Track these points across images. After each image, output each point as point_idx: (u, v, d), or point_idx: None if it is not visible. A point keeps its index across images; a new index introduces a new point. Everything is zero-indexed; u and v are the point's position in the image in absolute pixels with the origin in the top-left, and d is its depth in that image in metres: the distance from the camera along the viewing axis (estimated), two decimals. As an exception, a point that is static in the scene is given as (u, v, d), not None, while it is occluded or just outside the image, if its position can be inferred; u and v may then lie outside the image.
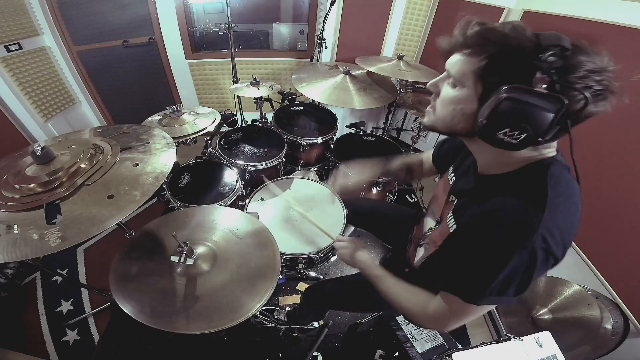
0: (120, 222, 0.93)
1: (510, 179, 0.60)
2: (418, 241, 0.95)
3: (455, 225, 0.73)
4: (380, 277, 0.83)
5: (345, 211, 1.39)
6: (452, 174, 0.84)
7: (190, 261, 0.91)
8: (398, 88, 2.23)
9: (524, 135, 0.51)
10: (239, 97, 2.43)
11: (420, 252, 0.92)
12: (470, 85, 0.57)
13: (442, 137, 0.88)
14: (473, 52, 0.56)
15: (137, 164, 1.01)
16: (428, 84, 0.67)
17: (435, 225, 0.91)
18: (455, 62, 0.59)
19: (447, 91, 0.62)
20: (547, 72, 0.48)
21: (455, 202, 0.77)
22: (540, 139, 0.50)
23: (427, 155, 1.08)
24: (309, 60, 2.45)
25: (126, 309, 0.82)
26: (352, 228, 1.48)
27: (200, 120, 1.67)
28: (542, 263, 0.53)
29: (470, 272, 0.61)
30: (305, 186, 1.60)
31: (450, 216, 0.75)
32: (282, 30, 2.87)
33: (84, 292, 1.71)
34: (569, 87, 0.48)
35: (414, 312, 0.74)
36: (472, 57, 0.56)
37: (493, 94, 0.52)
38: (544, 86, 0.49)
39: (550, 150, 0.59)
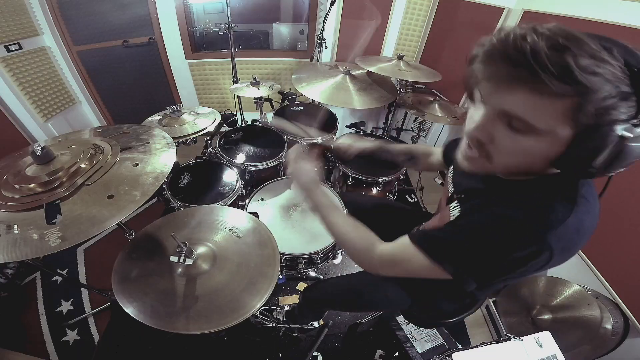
0: (120, 222, 0.93)
1: (536, 184, 0.55)
2: None
3: (458, 212, 0.67)
4: (330, 206, 0.80)
5: (345, 211, 1.38)
6: (452, 171, 0.83)
7: (189, 261, 0.91)
8: (398, 88, 2.23)
9: (612, 170, 0.46)
10: (239, 97, 2.43)
11: None
12: (553, 128, 0.44)
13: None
14: (559, 91, 0.40)
15: (137, 164, 1.01)
16: (473, 130, 0.51)
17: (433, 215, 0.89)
18: (525, 102, 0.44)
19: (514, 139, 0.48)
20: (626, 96, 0.40)
21: (462, 197, 0.72)
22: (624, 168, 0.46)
23: (438, 150, 1.06)
24: (309, 60, 2.45)
25: (128, 310, 0.82)
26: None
27: (200, 120, 1.67)
28: (535, 262, 0.50)
29: (457, 237, 0.57)
30: (305, 186, 1.60)
31: (455, 205, 0.69)
32: (282, 30, 2.87)
33: (84, 292, 1.71)
34: None
35: (359, 247, 0.71)
36: (557, 97, 0.41)
37: (596, 135, 0.42)
38: (630, 111, 0.41)
39: None
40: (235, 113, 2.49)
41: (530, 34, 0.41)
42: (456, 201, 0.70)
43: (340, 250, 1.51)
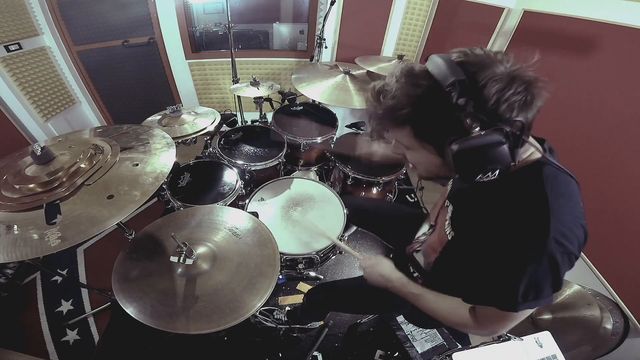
0: (120, 222, 0.93)
1: (507, 183, 0.59)
2: (414, 247, 0.96)
3: (452, 233, 0.73)
4: (418, 295, 0.78)
5: (345, 211, 1.39)
6: (451, 181, 0.84)
7: (189, 261, 0.91)
8: (398, 88, 2.23)
9: (497, 170, 0.53)
10: (238, 97, 2.43)
11: (421, 258, 0.92)
12: (418, 147, 0.60)
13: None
14: (395, 125, 0.58)
15: (137, 164, 1.01)
16: (392, 151, 0.71)
17: (429, 230, 0.91)
18: (394, 134, 0.61)
19: (410, 155, 0.65)
20: (469, 116, 0.49)
21: (450, 207, 0.77)
22: (513, 163, 0.53)
23: None
24: (309, 60, 2.45)
25: (129, 310, 0.82)
26: (353, 228, 1.48)
27: (200, 120, 1.67)
28: (564, 263, 0.53)
29: (496, 285, 0.60)
30: (305, 186, 1.60)
31: (448, 223, 0.76)
32: (282, 30, 2.87)
33: (84, 292, 1.71)
34: (497, 115, 0.49)
35: (461, 325, 0.70)
36: (398, 127, 0.58)
37: (444, 149, 0.53)
38: (477, 128, 0.50)
39: (532, 149, 0.60)
40: (235, 113, 2.48)
41: (369, 95, 0.60)
42: (449, 215, 0.76)
43: (340, 251, 1.52)
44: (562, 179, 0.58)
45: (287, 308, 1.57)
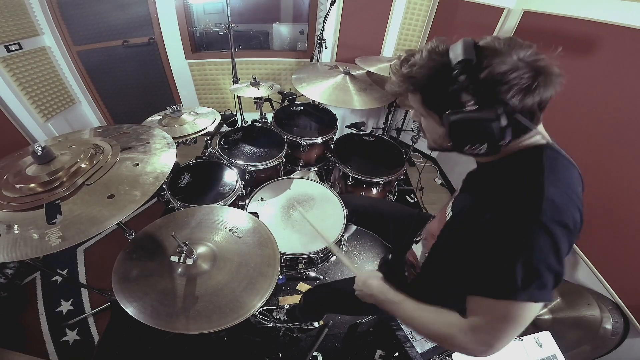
0: (120, 222, 0.93)
1: (506, 164, 0.62)
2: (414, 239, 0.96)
3: (451, 213, 0.73)
4: (398, 303, 0.73)
5: (345, 211, 1.39)
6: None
7: (190, 261, 0.91)
8: (398, 88, 2.23)
9: (485, 145, 0.56)
10: (239, 97, 2.43)
11: (419, 249, 0.92)
12: (427, 114, 0.65)
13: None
14: (410, 90, 0.63)
15: (137, 164, 1.01)
16: (412, 117, 0.78)
17: (431, 219, 0.91)
18: (410, 98, 0.67)
19: (423, 122, 0.69)
20: (467, 90, 0.53)
21: (456, 194, 0.79)
22: (501, 143, 0.55)
23: None
24: (309, 60, 2.45)
25: (129, 310, 0.82)
26: (353, 228, 1.48)
27: (200, 120, 1.67)
28: (562, 238, 0.52)
29: (490, 265, 0.56)
30: (305, 186, 1.60)
31: (450, 205, 0.76)
32: (282, 30, 2.87)
33: (84, 292, 1.71)
34: (494, 96, 0.52)
35: (448, 335, 0.61)
36: (412, 93, 0.64)
37: (443, 120, 0.58)
38: (471, 103, 0.54)
39: (538, 137, 0.61)
40: (235, 113, 2.48)
41: (397, 60, 0.65)
42: (450, 204, 0.77)
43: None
44: (562, 163, 0.59)
45: (286, 307, 1.57)
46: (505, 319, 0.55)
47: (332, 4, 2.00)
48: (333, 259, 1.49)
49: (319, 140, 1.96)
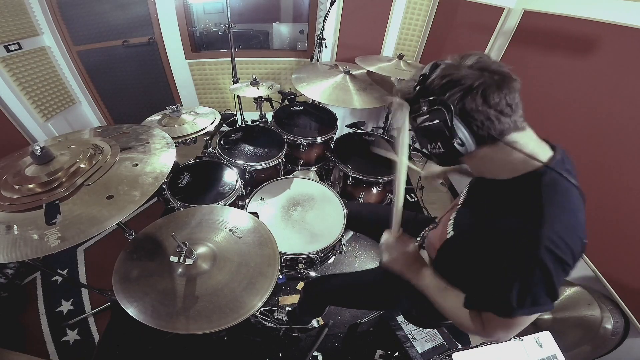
0: (120, 222, 0.93)
1: (505, 188, 0.63)
2: (419, 242, 0.96)
3: (452, 232, 0.75)
4: (427, 285, 0.76)
5: (345, 211, 1.39)
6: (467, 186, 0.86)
7: (189, 261, 0.91)
8: (398, 88, 2.23)
9: (439, 143, 0.64)
10: (238, 97, 2.43)
11: (425, 256, 0.93)
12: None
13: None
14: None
15: (137, 164, 1.01)
16: None
17: (433, 225, 0.93)
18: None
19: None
20: (422, 99, 0.62)
21: (458, 208, 0.79)
22: (460, 142, 0.60)
23: None
24: (309, 60, 2.45)
25: (129, 310, 0.82)
26: (351, 233, 1.48)
27: (200, 120, 1.67)
28: (557, 271, 0.54)
29: (488, 287, 0.62)
30: (305, 186, 1.60)
31: (451, 222, 0.77)
32: (282, 30, 2.87)
33: (84, 292, 1.71)
34: (436, 98, 0.60)
35: (462, 324, 0.70)
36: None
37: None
38: (424, 109, 0.62)
39: (537, 152, 0.61)
40: (235, 113, 2.49)
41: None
42: (452, 219, 0.79)
43: (340, 250, 1.52)
44: (562, 189, 0.59)
45: (287, 308, 1.57)
46: (506, 327, 0.63)
47: (332, 3, 2.00)
48: (333, 258, 1.49)
49: (319, 140, 1.96)
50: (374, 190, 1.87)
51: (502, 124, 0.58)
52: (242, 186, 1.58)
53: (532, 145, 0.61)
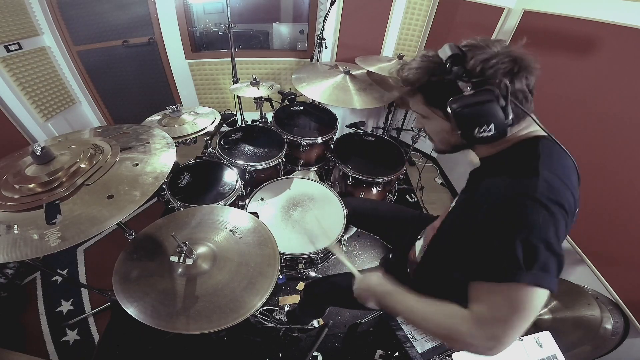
0: (120, 222, 0.93)
1: (505, 155, 0.66)
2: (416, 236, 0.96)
3: (454, 204, 0.77)
4: (395, 295, 0.71)
5: (345, 211, 1.39)
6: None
7: (189, 261, 0.91)
8: (398, 88, 2.23)
9: (492, 126, 0.59)
10: (239, 97, 2.43)
11: (419, 245, 0.93)
12: (430, 114, 0.69)
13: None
14: (411, 92, 0.70)
15: (137, 164, 1.01)
16: (415, 126, 0.79)
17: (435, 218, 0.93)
18: (411, 103, 0.72)
19: (427, 125, 0.74)
20: (461, 78, 0.59)
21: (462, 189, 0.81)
22: (506, 122, 0.59)
23: None
24: (309, 60, 2.45)
25: (129, 310, 0.82)
26: (353, 229, 1.48)
27: (200, 120, 1.67)
28: (558, 214, 0.53)
29: (489, 248, 0.55)
30: (305, 186, 1.60)
31: (452, 207, 0.79)
32: (282, 30, 2.87)
33: (84, 292, 1.71)
34: (484, 77, 0.58)
35: (452, 329, 0.58)
36: (414, 95, 0.70)
37: (448, 112, 0.61)
38: (468, 88, 0.59)
39: (536, 129, 0.65)
40: (235, 113, 2.48)
41: (400, 67, 0.72)
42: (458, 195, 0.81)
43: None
44: (558, 152, 0.62)
45: (287, 308, 1.57)
46: (510, 306, 0.52)
47: (332, 3, 2.00)
48: (333, 258, 1.49)
49: (319, 140, 1.96)
50: (374, 190, 1.87)
51: (530, 103, 0.62)
52: (242, 186, 1.58)
53: (535, 120, 0.65)
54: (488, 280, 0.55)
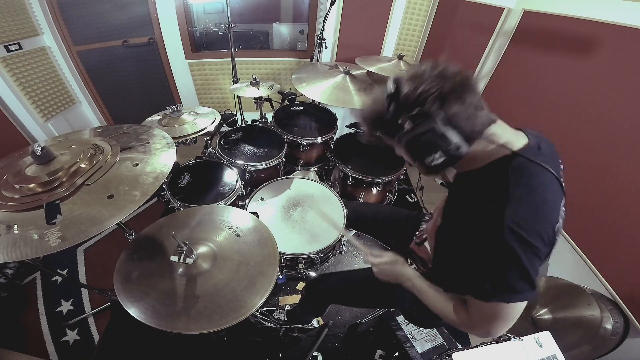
0: (120, 222, 0.93)
1: (477, 176, 0.67)
2: (422, 236, 0.99)
3: (440, 220, 0.80)
4: (420, 289, 0.81)
5: (345, 211, 1.39)
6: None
7: (190, 261, 0.91)
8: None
9: (440, 152, 0.60)
10: (239, 97, 2.43)
11: (428, 246, 0.96)
12: (395, 146, 0.70)
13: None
14: (371, 131, 0.70)
15: (137, 164, 1.01)
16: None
17: (428, 217, 0.98)
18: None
19: (401, 153, 0.72)
20: (400, 115, 0.60)
21: (447, 199, 0.84)
22: (454, 144, 0.59)
23: None
24: (309, 60, 2.45)
25: (130, 310, 0.82)
26: (352, 231, 1.48)
27: (200, 120, 1.67)
28: (526, 254, 0.56)
29: (468, 273, 0.65)
30: (305, 186, 1.60)
31: (442, 211, 0.82)
32: (282, 30, 2.87)
33: (84, 292, 1.71)
34: (420, 108, 0.57)
35: (453, 320, 0.73)
36: (378, 133, 0.70)
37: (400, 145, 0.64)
38: (407, 123, 0.59)
39: (513, 141, 0.64)
40: (235, 113, 2.48)
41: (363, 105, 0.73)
42: (442, 210, 0.82)
43: (340, 250, 1.52)
44: (529, 172, 0.61)
45: (287, 308, 1.57)
46: (495, 316, 0.63)
47: (332, 3, 2.00)
48: (333, 258, 1.49)
49: (319, 140, 1.96)
50: (374, 190, 1.87)
51: (480, 119, 0.60)
52: (242, 186, 1.58)
53: (507, 135, 0.64)
54: (475, 297, 0.65)
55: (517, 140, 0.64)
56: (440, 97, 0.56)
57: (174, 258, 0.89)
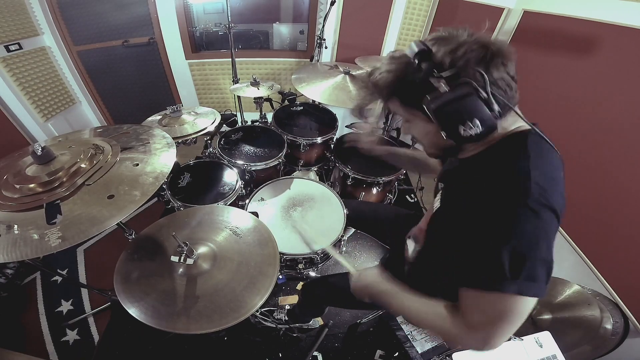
0: (120, 222, 0.93)
1: (491, 153, 0.61)
2: (411, 233, 0.97)
3: (439, 204, 0.74)
4: (391, 293, 0.72)
5: (345, 211, 1.39)
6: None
7: (190, 261, 0.91)
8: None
9: (478, 121, 0.54)
10: (239, 97, 2.43)
11: (411, 245, 0.93)
12: (412, 117, 0.65)
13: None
14: (387, 96, 0.65)
15: (137, 164, 1.01)
16: (402, 132, 0.75)
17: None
18: (391, 107, 0.67)
19: (412, 129, 0.69)
20: (432, 74, 0.55)
21: (442, 187, 0.78)
22: (493, 114, 0.54)
23: None
24: (309, 60, 2.45)
25: (131, 310, 0.82)
26: (352, 230, 1.48)
27: (200, 120, 1.67)
28: (549, 221, 0.51)
29: (477, 254, 0.55)
30: (305, 186, 1.60)
31: (437, 198, 0.76)
32: (282, 30, 2.87)
33: (84, 292, 1.71)
34: (457, 70, 0.53)
35: (444, 329, 0.62)
36: (391, 101, 0.65)
37: (428, 111, 0.57)
38: (442, 84, 0.54)
39: (522, 124, 0.61)
40: (235, 113, 2.49)
41: (370, 72, 0.66)
42: (439, 192, 0.77)
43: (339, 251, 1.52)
44: (546, 149, 0.59)
45: (287, 307, 1.57)
46: (497, 314, 0.53)
47: (332, 3, 2.00)
48: (333, 258, 1.49)
49: (319, 140, 1.96)
50: (374, 190, 1.87)
51: (514, 92, 0.57)
52: (242, 186, 1.58)
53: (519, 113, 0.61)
54: (475, 288, 0.56)
55: (523, 119, 0.61)
56: (484, 60, 0.52)
57: (174, 258, 0.89)
